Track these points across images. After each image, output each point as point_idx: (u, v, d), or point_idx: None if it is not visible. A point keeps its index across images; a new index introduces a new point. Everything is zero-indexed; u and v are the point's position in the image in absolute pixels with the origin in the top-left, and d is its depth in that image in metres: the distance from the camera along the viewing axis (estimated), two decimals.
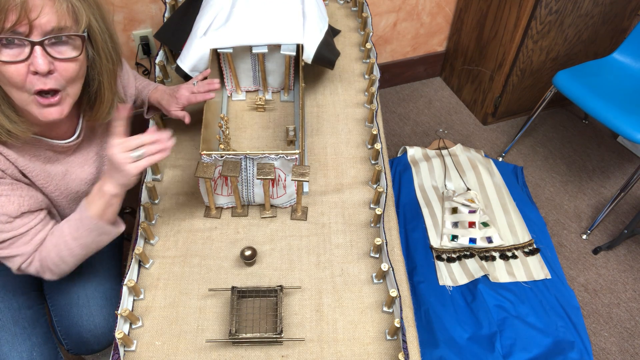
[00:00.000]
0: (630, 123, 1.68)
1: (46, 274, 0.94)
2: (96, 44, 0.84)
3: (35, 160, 0.91)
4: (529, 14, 1.90)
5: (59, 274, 0.95)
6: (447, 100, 2.49)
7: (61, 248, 0.90)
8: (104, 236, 0.92)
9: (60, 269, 0.93)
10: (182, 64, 1.17)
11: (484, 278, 1.56)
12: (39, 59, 0.75)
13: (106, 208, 0.89)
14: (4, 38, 0.73)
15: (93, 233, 0.90)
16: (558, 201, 2.05)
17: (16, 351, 1.02)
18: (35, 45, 0.74)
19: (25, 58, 0.75)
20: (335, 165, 1.18)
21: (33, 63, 0.75)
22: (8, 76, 0.75)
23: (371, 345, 0.90)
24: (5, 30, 0.72)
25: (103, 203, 0.88)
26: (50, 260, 0.91)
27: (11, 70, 0.75)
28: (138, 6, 1.75)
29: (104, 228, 0.90)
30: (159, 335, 0.90)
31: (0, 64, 0.74)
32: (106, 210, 0.89)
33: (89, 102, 0.92)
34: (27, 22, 0.72)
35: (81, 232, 0.89)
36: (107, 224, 0.90)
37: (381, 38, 2.29)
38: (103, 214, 0.89)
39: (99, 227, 0.89)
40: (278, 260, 1.01)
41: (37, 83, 0.77)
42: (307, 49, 1.17)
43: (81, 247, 0.91)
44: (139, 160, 0.84)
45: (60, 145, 0.94)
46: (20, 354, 1.02)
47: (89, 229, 0.89)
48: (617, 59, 1.95)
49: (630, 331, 1.68)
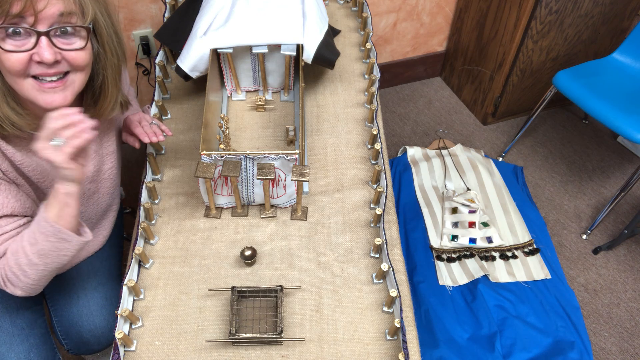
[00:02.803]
0: (630, 123, 1.68)
1: (7, 286, 0.87)
2: (101, 38, 0.85)
3: (32, 155, 0.90)
4: (529, 14, 1.90)
5: (22, 289, 0.87)
6: (447, 100, 2.49)
7: (19, 255, 0.83)
8: (64, 244, 0.83)
9: (21, 281, 0.85)
10: (182, 64, 1.17)
11: (484, 278, 1.56)
12: (45, 50, 0.75)
13: (62, 209, 0.81)
14: (9, 27, 0.72)
15: (50, 238, 0.82)
16: (558, 201, 2.05)
17: (14, 352, 1.02)
18: (42, 36, 0.75)
19: (31, 48, 0.75)
20: (335, 165, 1.18)
21: (38, 53, 0.75)
22: (9, 65, 0.75)
23: (371, 345, 0.90)
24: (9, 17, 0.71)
25: (58, 203, 0.81)
26: (9, 270, 0.85)
27: (13, 58, 0.75)
28: (138, 6, 1.75)
29: (61, 233, 0.82)
30: (159, 335, 0.90)
31: (2, 52, 0.74)
32: (62, 212, 0.81)
33: (92, 96, 0.92)
34: (33, 13, 0.72)
35: (37, 237, 0.82)
36: (65, 228, 0.82)
37: (381, 38, 2.29)
38: (60, 216, 0.81)
39: (56, 231, 0.81)
40: (278, 260, 1.01)
41: (38, 69, 0.77)
42: (307, 49, 1.17)
43: (38, 255, 0.83)
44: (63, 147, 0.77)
45: None
46: (18, 355, 1.02)
47: (46, 233, 0.81)
48: (617, 59, 1.95)
49: (630, 331, 1.68)
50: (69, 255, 0.86)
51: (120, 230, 1.31)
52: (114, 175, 1.10)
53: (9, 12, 0.71)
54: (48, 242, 0.82)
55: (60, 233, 0.82)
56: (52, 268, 0.86)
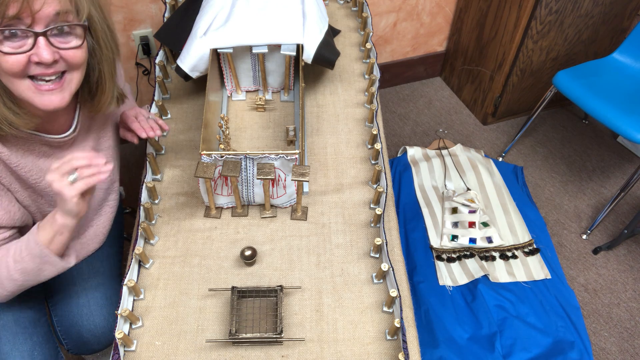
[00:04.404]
0: (630, 123, 1.68)
1: None
2: (95, 33, 0.84)
3: (28, 155, 0.89)
4: (529, 14, 1.90)
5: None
6: (447, 100, 2.49)
7: (1, 268, 0.86)
8: (47, 266, 0.86)
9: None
10: (182, 64, 1.17)
11: (484, 278, 1.56)
12: (43, 50, 0.75)
13: (55, 236, 0.84)
14: (6, 30, 0.72)
15: (36, 260, 0.84)
16: (558, 201, 2.05)
17: (17, 350, 1.02)
18: (39, 37, 0.74)
19: (29, 49, 0.75)
20: (335, 165, 1.18)
21: (37, 54, 0.75)
22: (7, 67, 0.75)
23: (371, 345, 0.90)
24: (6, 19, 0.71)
25: (53, 231, 0.83)
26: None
27: (11, 60, 0.74)
28: (138, 6, 1.75)
29: (49, 257, 0.85)
30: (159, 335, 0.90)
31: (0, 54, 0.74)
32: (55, 239, 0.84)
33: (89, 92, 0.92)
34: (30, 14, 0.72)
35: (24, 256, 0.84)
36: (53, 253, 0.85)
37: (381, 38, 2.29)
38: (51, 242, 0.84)
39: (44, 254, 0.84)
40: (278, 260, 1.01)
41: (37, 70, 0.77)
42: (307, 49, 1.17)
43: (21, 272, 0.85)
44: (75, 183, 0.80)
45: (56, 140, 0.93)
46: (22, 353, 1.02)
47: (33, 254, 0.84)
48: (617, 59, 1.95)
49: (630, 331, 1.68)
50: (49, 276, 0.89)
51: (120, 230, 1.31)
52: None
53: (5, 14, 0.70)
54: (33, 263, 0.85)
55: (47, 257, 0.84)
56: (29, 285, 0.89)
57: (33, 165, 0.91)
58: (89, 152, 0.81)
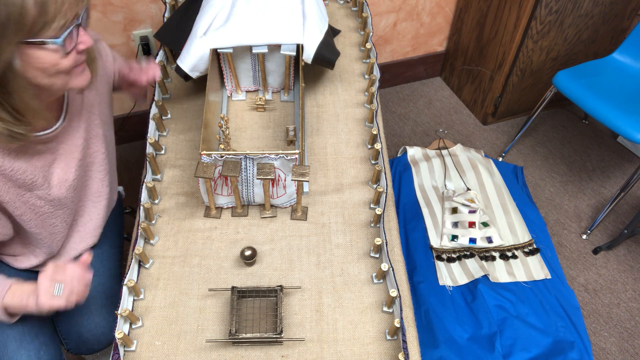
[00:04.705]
0: (630, 123, 1.68)
1: None
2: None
3: (22, 155, 0.89)
4: (529, 14, 1.90)
5: None
6: (447, 100, 2.49)
7: None
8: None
9: None
10: (182, 64, 1.17)
11: (484, 278, 1.56)
12: (85, 36, 0.79)
13: (18, 309, 0.90)
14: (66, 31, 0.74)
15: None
16: (558, 201, 2.05)
17: (24, 349, 1.03)
18: (80, 27, 0.77)
19: (77, 41, 0.78)
20: (335, 165, 1.18)
21: (83, 42, 0.78)
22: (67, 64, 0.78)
23: (371, 345, 0.90)
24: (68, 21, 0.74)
25: (20, 307, 0.89)
26: None
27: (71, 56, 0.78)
28: (138, 6, 1.75)
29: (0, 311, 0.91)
30: (159, 335, 0.90)
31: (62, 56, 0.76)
32: (16, 310, 0.91)
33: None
34: (77, 12, 0.75)
35: None
36: (5, 315, 0.92)
37: (381, 38, 2.29)
38: (9, 309, 0.90)
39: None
40: (278, 260, 1.01)
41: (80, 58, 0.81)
42: (307, 49, 1.17)
43: None
44: (57, 297, 0.85)
45: (47, 136, 0.92)
46: (29, 352, 1.03)
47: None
48: (617, 59, 1.95)
49: (630, 331, 1.68)
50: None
51: (120, 230, 1.31)
52: (100, 159, 1.08)
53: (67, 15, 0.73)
54: None
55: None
56: None
57: (28, 165, 0.90)
58: (81, 270, 0.87)
